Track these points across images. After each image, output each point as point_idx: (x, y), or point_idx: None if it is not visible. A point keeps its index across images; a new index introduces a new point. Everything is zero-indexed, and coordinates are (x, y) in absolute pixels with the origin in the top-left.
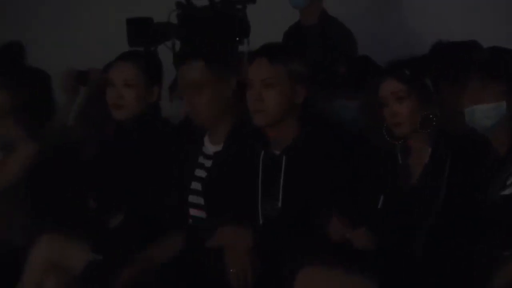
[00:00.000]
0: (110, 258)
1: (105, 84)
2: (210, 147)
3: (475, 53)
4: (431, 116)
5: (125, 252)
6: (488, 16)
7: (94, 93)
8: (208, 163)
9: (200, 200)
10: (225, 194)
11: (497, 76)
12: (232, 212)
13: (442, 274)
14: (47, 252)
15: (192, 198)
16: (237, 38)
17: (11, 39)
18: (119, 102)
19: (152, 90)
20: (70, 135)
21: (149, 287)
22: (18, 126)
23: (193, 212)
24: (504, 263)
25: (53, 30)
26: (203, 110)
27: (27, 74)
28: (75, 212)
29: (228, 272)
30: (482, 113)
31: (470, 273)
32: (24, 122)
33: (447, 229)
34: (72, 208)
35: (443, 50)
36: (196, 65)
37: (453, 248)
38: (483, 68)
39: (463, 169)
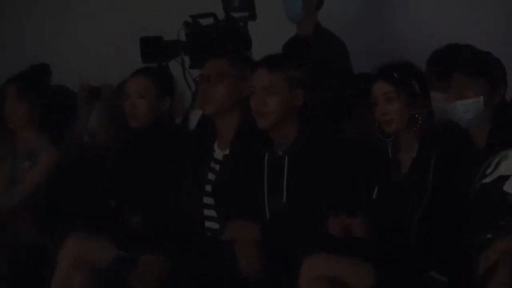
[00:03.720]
0: (133, 254)
1: (117, 97)
2: (219, 152)
3: (459, 54)
4: (416, 115)
5: (145, 250)
6: (478, 20)
7: (107, 105)
8: (218, 167)
9: (212, 201)
10: (233, 193)
11: (478, 74)
12: (241, 208)
13: (433, 259)
14: (75, 249)
15: (206, 200)
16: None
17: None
18: (133, 112)
19: (164, 100)
20: (89, 142)
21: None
22: (40, 135)
23: (207, 212)
24: (487, 245)
25: (76, 48)
26: (217, 101)
27: (46, 89)
28: (98, 213)
29: (240, 262)
30: (463, 107)
31: (459, 258)
32: (45, 131)
33: (436, 217)
34: (95, 209)
35: (433, 53)
36: (221, 60)
37: (442, 234)
38: (465, 68)
39: (448, 162)
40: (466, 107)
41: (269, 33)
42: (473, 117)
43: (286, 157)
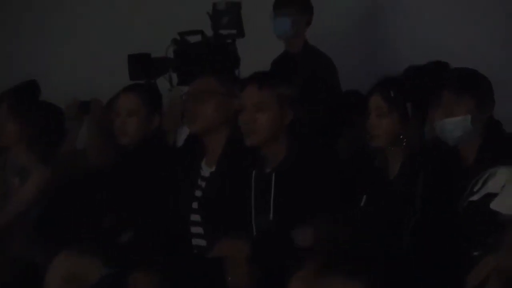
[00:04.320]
0: (122, 271)
1: (106, 112)
2: (206, 169)
3: (445, 72)
4: (401, 137)
5: (134, 265)
6: (478, 20)
7: (96, 121)
8: (204, 184)
9: (199, 218)
10: (220, 210)
11: (465, 93)
12: (228, 225)
13: (426, 274)
14: (65, 266)
15: (193, 217)
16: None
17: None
18: (123, 129)
19: (153, 117)
20: (79, 159)
21: None
22: (31, 152)
23: (194, 229)
24: (475, 262)
25: (63, 65)
26: (205, 119)
27: (36, 106)
28: (88, 230)
29: (227, 279)
30: (451, 125)
31: (449, 273)
32: (36, 148)
33: (426, 233)
34: (86, 226)
35: (417, 71)
36: (209, 78)
37: (433, 249)
38: (452, 86)
39: (436, 179)
40: (454, 125)
41: (258, 50)
42: (461, 135)
43: (274, 175)
